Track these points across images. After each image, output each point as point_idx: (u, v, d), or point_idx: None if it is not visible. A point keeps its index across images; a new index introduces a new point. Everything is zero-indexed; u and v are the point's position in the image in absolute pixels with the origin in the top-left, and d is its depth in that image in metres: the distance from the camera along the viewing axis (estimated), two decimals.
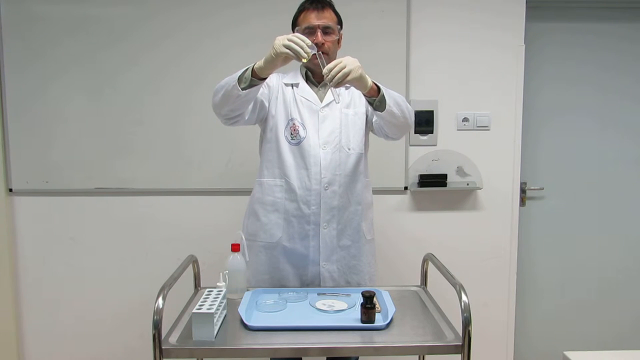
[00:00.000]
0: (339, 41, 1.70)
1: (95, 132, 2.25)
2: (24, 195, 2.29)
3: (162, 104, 2.25)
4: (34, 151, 2.25)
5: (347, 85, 1.49)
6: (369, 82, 1.49)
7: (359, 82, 1.46)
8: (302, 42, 1.41)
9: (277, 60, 1.43)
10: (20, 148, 2.25)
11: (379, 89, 1.52)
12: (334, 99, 1.59)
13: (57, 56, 2.21)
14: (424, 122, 2.31)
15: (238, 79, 1.47)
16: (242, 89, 1.47)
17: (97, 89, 2.24)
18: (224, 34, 2.22)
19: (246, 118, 1.63)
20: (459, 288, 1.27)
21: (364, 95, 1.54)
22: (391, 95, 1.54)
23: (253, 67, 1.47)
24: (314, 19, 1.62)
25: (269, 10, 2.20)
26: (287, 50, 1.39)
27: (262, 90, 1.66)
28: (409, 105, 1.62)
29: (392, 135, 1.68)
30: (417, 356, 1.81)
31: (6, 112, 2.22)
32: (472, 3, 2.28)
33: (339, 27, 1.68)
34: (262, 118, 1.71)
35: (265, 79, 1.50)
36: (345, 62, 1.41)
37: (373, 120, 1.70)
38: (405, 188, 2.36)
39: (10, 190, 2.27)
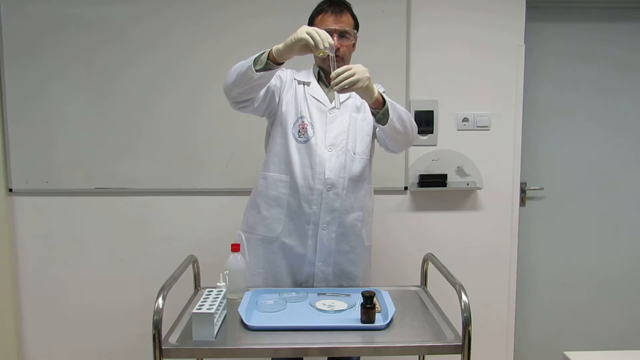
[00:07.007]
0: (354, 45, 1.70)
1: (95, 132, 2.25)
2: (24, 195, 2.29)
3: (162, 103, 2.25)
4: (34, 151, 2.25)
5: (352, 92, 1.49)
6: (375, 93, 1.49)
7: (364, 93, 1.46)
8: (324, 37, 1.40)
9: (295, 46, 1.42)
10: (20, 148, 2.25)
11: (384, 101, 1.52)
12: (335, 105, 1.59)
13: (57, 56, 2.21)
14: (424, 122, 2.31)
15: (254, 61, 1.46)
16: (257, 71, 1.46)
17: (97, 89, 2.24)
18: (225, 33, 2.22)
19: (255, 105, 1.62)
20: (459, 288, 1.27)
21: (369, 105, 1.54)
22: (396, 110, 1.54)
23: (270, 51, 1.47)
24: (331, 22, 1.62)
25: (275, 8, 2.20)
26: (308, 37, 1.39)
27: (275, 83, 1.66)
28: (413, 121, 1.62)
29: (392, 148, 1.69)
30: (417, 356, 1.81)
31: (6, 112, 2.22)
32: (472, 3, 2.28)
33: (355, 31, 1.67)
34: (271, 111, 1.71)
35: (280, 64, 1.49)
36: (355, 69, 1.41)
37: (376, 130, 1.70)
38: (405, 188, 2.36)
39: (10, 190, 2.27)
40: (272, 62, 1.47)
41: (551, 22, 2.44)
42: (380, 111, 1.52)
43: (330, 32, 1.58)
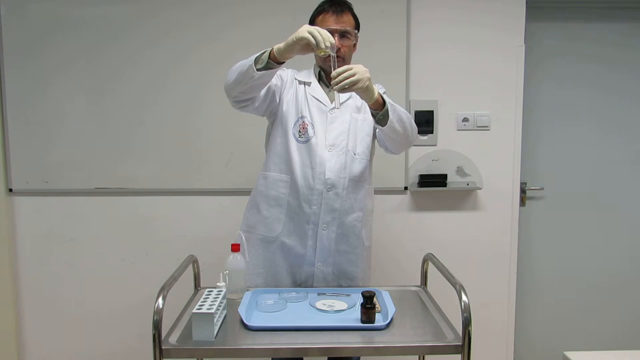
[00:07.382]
0: (355, 45, 1.69)
1: (96, 132, 2.26)
2: (24, 195, 2.29)
3: (162, 103, 2.25)
4: (34, 151, 2.25)
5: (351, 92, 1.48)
6: (375, 94, 1.49)
7: (364, 93, 1.46)
8: (325, 36, 1.40)
9: (297, 46, 1.42)
10: (20, 148, 2.25)
11: (384, 102, 1.52)
12: (334, 105, 1.59)
13: (58, 56, 2.21)
14: (424, 122, 2.31)
15: (255, 60, 1.46)
16: (258, 70, 1.46)
17: (97, 88, 2.24)
18: (225, 34, 2.22)
19: (256, 105, 1.62)
20: (459, 288, 1.27)
21: (369, 106, 1.54)
22: (396, 111, 1.54)
23: (271, 50, 1.47)
24: (332, 22, 1.61)
25: (276, 9, 2.20)
26: (309, 36, 1.39)
27: (276, 82, 1.66)
28: (413, 123, 1.62)
29: (391, 149, 1.69)
30: (417, 356, 1.81)
31: (6, 112, 2.22)
32: (472, 3, 2.29)
33: (356, 31, 1.67)
34: (272, 110, 1.71)
35: (282, 63, 1.49)
36: (356, 70, 1.41)
37: (376, 131, 1.69)
38: (405, 188, 2.36)
39: (10, 190, 2.27)
40: (273, 62, 1.47)
41: (551, 22, 2.45)
42: (380, 112, 1.52)
43: (332, 32, 1.57)
